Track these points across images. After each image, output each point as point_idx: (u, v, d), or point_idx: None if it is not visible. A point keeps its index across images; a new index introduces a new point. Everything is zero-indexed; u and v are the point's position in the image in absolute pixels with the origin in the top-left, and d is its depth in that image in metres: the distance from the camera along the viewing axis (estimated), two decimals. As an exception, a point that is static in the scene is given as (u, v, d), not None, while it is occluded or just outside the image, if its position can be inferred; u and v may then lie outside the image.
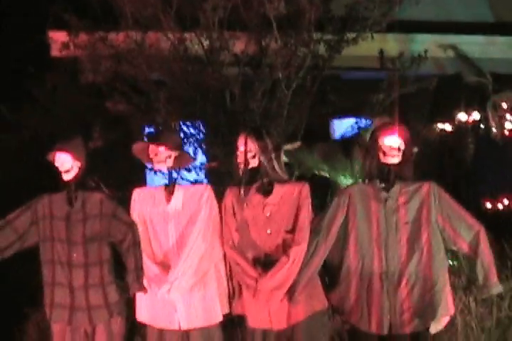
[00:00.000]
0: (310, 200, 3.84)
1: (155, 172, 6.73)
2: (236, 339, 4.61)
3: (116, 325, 4.00)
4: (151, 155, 3.93)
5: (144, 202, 4.02)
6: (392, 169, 3.78)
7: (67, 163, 3.92)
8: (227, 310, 3.99)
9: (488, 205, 7.52)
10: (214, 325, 3.96)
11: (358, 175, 6.39)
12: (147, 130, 6.60)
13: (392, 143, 3.75)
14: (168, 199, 3.97)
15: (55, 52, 7.07)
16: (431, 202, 3.75)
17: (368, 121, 6.77)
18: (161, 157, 3.91)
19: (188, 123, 6.19)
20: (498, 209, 7.50)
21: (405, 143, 3.77)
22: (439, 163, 8.24)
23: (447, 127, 8.04)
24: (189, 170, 6.38)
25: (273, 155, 3.87)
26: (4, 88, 6.98)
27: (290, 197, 3.84)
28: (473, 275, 3.82)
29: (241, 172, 3.86)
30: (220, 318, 3.97)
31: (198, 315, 3.90)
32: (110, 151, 6.26)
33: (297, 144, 6.22)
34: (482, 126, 8.00)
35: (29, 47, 7.49)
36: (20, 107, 6.75)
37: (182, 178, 6.37)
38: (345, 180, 6.50)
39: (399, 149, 3.75)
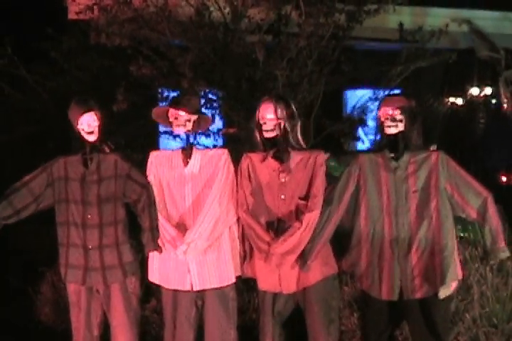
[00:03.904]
0: (325, 168, 3.87)
1: (174, 137, 6.85)
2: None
3: (131, 285, 4.03)
4: (171, 119, 3.95)
5: (160, 165, 4.04)
6: (400, 139, 3.81)
7: (93, 123, 3.92)
8: (240, 272, 4.05)
9: (504, 179, 7.60)
10: (228, 285, 3.98)
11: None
12: (166, 93, 6.67)
13: (385, 114, 3.79)
14: (186, 163, 3.99)
15: (72, 15, 7.08)
16: (439, 171, 3.77)
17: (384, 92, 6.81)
18: (181, 120, 3.93)
19: (209, 89, 6.22)
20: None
21: (402, 113, 3.78)
22: (450, 136, 8.31)
23: (459, 101, 8.12)
24: (207, 136, 6.46)
25: (298, 123, 3.92)
26: (22, 49, 6.97)
27: (305, 164, 3.86)
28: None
29: (268, 139, 3.87)
30: (233, 280, 4.00)
31: (211, 276, 3.94)
32: (124, 115, 6.29)
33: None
34: (493, 100, 8.08)
35: (47, 10, 7.50)
36: (38, 69, 6.77)
37: (199, 144, 6.47)
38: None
39: (394, 119, 3.78)
